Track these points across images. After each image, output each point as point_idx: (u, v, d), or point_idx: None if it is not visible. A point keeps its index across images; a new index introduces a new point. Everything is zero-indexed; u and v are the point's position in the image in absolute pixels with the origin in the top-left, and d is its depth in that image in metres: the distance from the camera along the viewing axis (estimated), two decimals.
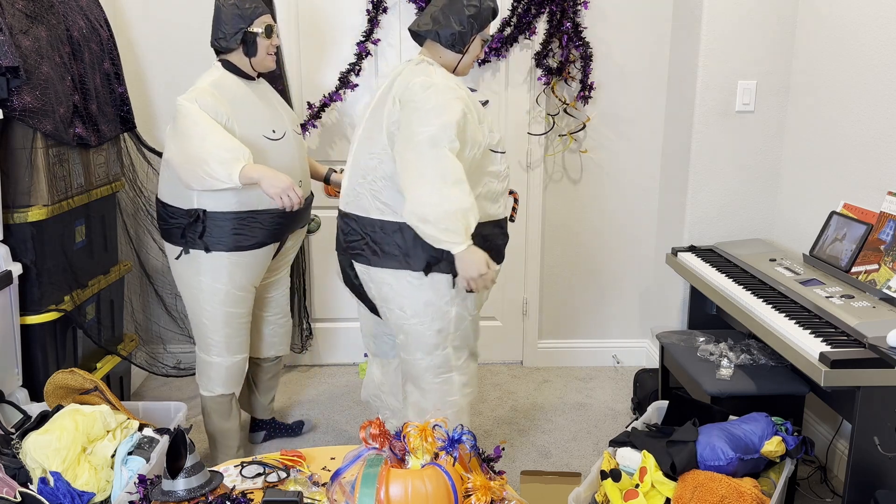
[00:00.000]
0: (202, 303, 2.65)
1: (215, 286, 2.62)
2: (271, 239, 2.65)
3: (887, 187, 2.59)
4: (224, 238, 2.56)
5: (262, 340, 2.97)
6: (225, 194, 2.52)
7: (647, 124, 3.70)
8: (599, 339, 3.96)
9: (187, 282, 2.65)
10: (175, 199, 2.59)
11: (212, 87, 2.51)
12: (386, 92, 2.34)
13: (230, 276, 2.62)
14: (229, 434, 2.82)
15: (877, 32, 2.64)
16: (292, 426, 3.19)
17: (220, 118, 2.46)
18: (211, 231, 2.55)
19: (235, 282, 2.64)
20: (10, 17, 2.47)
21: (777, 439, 2.19)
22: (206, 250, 2.56)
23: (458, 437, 1.77)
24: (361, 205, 2.34)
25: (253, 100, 2.59)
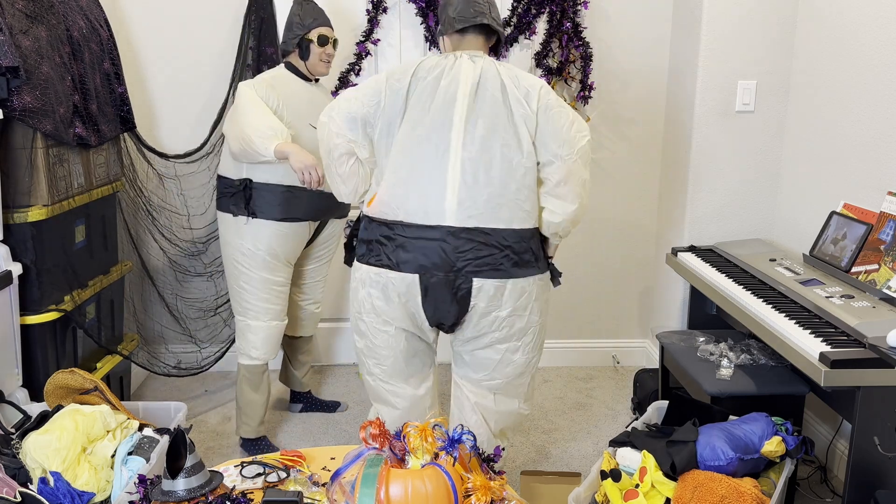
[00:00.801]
0: (241, 267, 2.92)
1: (255, 251, 2.89)
2: (309, 216, 2.93)
3: (887, 187, 2.59)
4: (266, 207, 2.84)
5: (294, 320, 3.27)
6: (269, 168, 2.81)
7: (647, 124, 3.70)
8: (599, 339, 3.96)
9: (231, 246, 2.93)
10: (228, 171, 2.91)
11: (271, 78, 2.87)
12: (484, 90, 2.18)
13: (268, 244, 2.88)
14: (254, 406, 3.03)
15: (877, 32, 2.64)
16: (328, 403, 3.45)
17: (270, 103, 2.79)
18: (256, 200, 2.83)
19: (273, 250, 2.90)
20: (10, 17, 2.47)
21: (777, 439, 2.19)
22: (253, 215, 2.84)
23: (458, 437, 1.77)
24: (500, 217, 2.17)
25: (303, 96, 2.89)
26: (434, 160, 2.15)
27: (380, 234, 2.22)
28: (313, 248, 3.13)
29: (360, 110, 2.22)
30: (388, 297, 2.25)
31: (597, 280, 3.88)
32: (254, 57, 3.42)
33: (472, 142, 2.16)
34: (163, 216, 3.55)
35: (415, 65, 2.23)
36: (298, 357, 3.35)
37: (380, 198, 2.22)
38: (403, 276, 2.20)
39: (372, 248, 2.24)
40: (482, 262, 2.19)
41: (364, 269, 2.27)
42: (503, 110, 2.18)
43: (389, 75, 2.23)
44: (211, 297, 3.70)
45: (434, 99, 2.18)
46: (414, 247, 2.18)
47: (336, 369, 3.88)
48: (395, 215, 2.19)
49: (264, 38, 3.42)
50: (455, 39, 2.30)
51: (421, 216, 2.17)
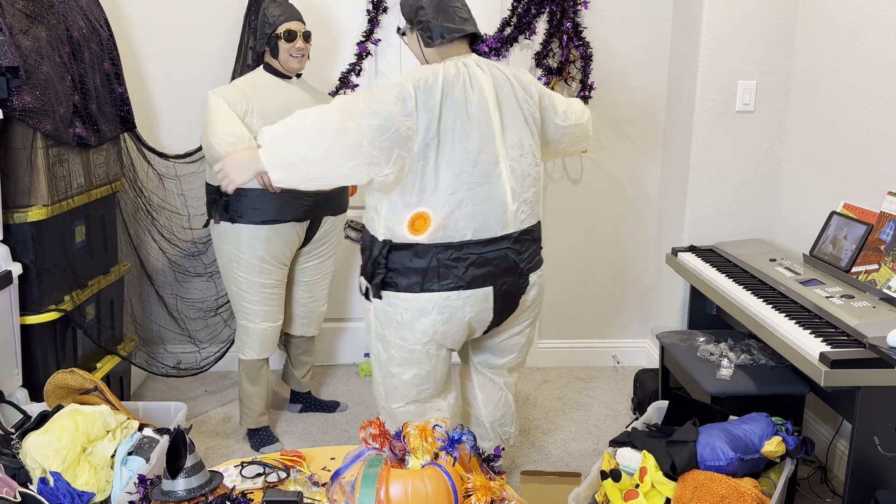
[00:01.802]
0: (230, 270, 2.96)
1: (238, 255, 2.91)
2: (295, 217, 2.91)
3: (887, 187, 2.59)
4: (245, 212, 2.85)
5: (293, 319, 3.26)
6: None
7: (647, 124, 3.70)
8: (599, 339, 3.96)
9: (220, 251, 2.97)
10: (210, 178, 2.95)
11: (243, 82, 2.88)
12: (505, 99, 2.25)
13: (253, 247, 2.89)
14: (253, 398, 3.09)
15: (877, 32, 2.64)
16: (327, 403, 3.45)
17: (238, 109, 2.79)
18: (233, 205, 2.85)
19: (258, 254, 2.90)
20: (10, 17, 2.47)
21: (777, 439, 2.19)
22: (231, 221, 2.87)
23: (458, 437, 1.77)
24: (535, 213, 2.36)
25: (278, 98, 2.88)
26: (490, 174, 2.20)
27: (446, 259, 2.20)
28: (311, 247, 3.12)
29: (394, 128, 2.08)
30: (453, 320, 2.26)
31: (597, 280, 3.88)
32: (254, 57, 3.42)
33: (511, 147, 2.25)
34: (163, 216, 3.55)
35: (436, 77, 2.15)
36: (300, 357, 3.36)
37: (441, 222, 2.18)
38: (476, 292, 2.24)
39: (433, 274, 2.20)
40: (533, 258, 2.36)
41: (426, 298, 2.22)
42: (520, 111, 2.29)
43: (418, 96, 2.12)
44: (211, 297, 3.70)
45: (469, 112, 2.18)
46: (486, 260, 2.23)
47: (336, 369, 3.88)
48: (462, 236, 2.20)
49: None
50: (442, 50, 2.28)
51: (488, 230, 2.22)
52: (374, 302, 2.31)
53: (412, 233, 2.19)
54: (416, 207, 2.17)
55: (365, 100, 2.10)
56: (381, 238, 2.24)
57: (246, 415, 3.11)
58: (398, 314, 2.27)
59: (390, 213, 2.21)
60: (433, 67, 2.19)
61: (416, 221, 2.19)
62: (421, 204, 2.17)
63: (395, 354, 2.32)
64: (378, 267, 2.25)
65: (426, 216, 2.18)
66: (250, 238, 2.88)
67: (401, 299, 2.25)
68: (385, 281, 2.25)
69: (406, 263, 2.21)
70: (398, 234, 2.21)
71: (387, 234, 2.23)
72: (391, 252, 2.22)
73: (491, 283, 2.25)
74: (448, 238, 2.19)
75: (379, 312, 2.31)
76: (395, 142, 2.09)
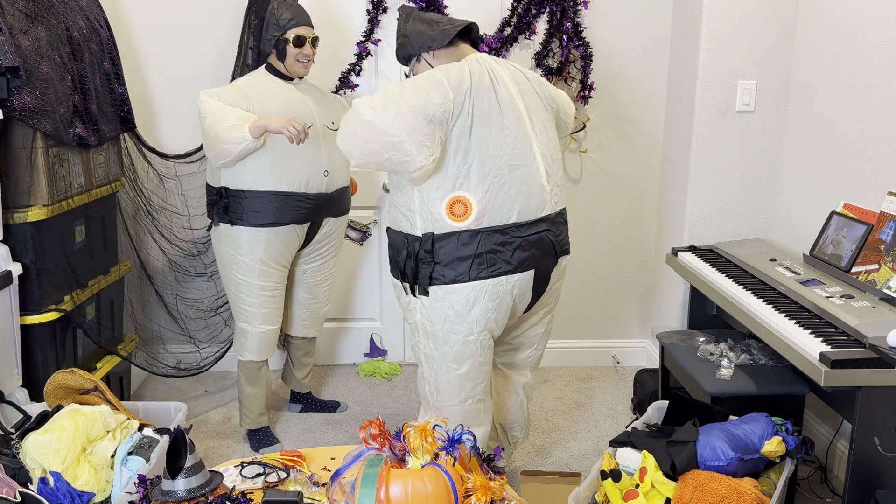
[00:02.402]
0: (229, 272, 2.95)
1: (238, 258, 2.90)
2: (295, 220, 2.88)
3: (887, 187, 2.59)
4: (246, 214, 2.83)
5: (293, 320, 3.24)
6: (243, 174, 2.80)
7: (647, 124, 3.70)
8: (599, 339, 3.96)
9: (220, 253, 2.96)
10: (210, 179, 2.93)
11: (244, 83, 2.85)
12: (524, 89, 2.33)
13: (252, 250, 2.88)
14: (252, 399, 3.08)
15: (877, 32, 2.64)
16: (327, 404, 3.44)
17: (239, 104, 2.76)
18: (234, 207, 2.83)
19: (258, 256, 2.89)
20: (10, 17, 2.47)
21: (777, 439, 2.19)
22: (231, 224, 2.85)
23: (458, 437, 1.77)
24: (563, 196, 2.45)
25: (280, 100, 2.85)
26: (526, 158, 2.25)
27: (492, 244, 2.21)
28: (311, 248, 3.10)
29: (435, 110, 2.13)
30: (502, 305, 2.28)
31: (597, 280, 3.88)
32: (254, 57, 3.42)
33: (541, 132, 2.32)
34: (163, 216, 3.54)
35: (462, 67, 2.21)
36: (301, 358, 3.35)
37: (484, 207, 2.20)
38: (523, 275, 2.28)
39: (482, 261, 2.21)
40: (566, 240, 2.42)
41: (475, 286, 2.23)
42: (539, 99, 2.36)
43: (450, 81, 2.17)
44: (211, 297, 3.70)
45: (499, 97, 2.24)
46: (529, 243, 2.27)
47: (337, 369, 3.88)
48: (507, 219, 2.23)
49: None
50: (449, 52, 2.34)
51: (530, 212, 2.26)
52: (421, 299, 2.30)
53: (453, 219, 2.20)
54: (451, 192, 2.20)
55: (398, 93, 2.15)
56: (421, 233, 2.24)
57: (245, 415, 3.11)
58: (449, 307, 2.26)
59: (426, 205, 2.22)
60: (456, 63, 2.26)
61: (455, 206, 2.20)
62: (456, 188, 2.19)
63: (448, 350, 2.31)
64: (423, 262, 2.24)
65: (465, 200, 2.19)
66: (250, 240, 2.86)
67: (450, 291, 2.24)
68: (432, 275, 2.25)
69: (453, 253, 2.22)
70: (440, 225, 2.21)
71: (426, 227, 2.23)
72: (435, 244, 2.22)
73: (535, 266, 2.29)
74: (494, 222, 2.22)
75: (427, 309, 2.30)
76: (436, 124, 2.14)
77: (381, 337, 3.91)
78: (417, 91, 2.13)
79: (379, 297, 3.86)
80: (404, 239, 2.28)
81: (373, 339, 3.90)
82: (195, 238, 3.63)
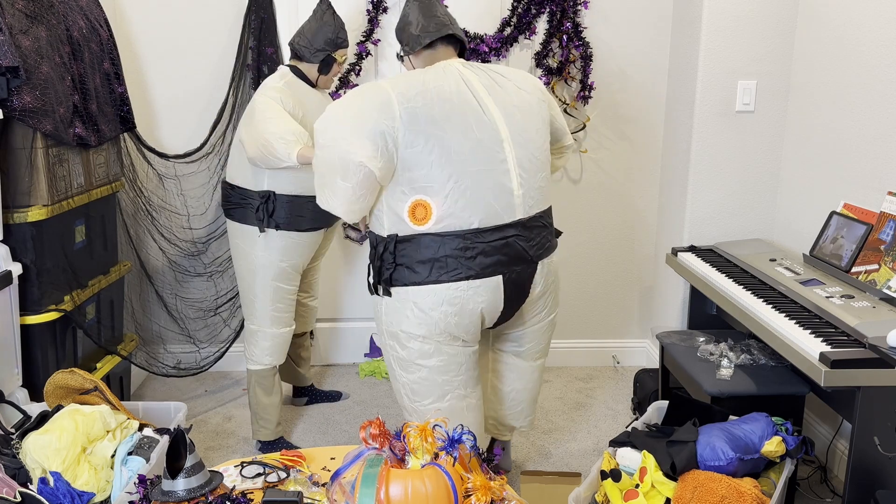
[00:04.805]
0: (256, 276, 2.90)
1: (271, 261, 2.87)
2: (322, 224, 2.93)
3: (887, 187, 2.59)
4: (286, 219, 2.83)
5: (299, 318, 3.26)
6: (288, 178, 2.80)
7: (647, 124, 3.70)
8: (599, 339, 3.96)
9: (248, 257, 2.90)
10: (245, 182, 2.86)
11: (286, 87, 2.80)
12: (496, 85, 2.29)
13: (284, 254, 2.88)
14: (270, 409, 3.02)
15: (877, 32, 2.64)
16: (330, 394, 3.51)
17: (296, 115, 2.75)
18: (278, 212, 2.82)
19: (288, 259, 2.90)
20: (10, 17, 2.47)
21: (777, 439, 2.19)
22: (277, 228, 2.84)
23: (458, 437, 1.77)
24: (545, 199, 2.37)
25: (316, 102, 2.89)
26: (494, 161, 2.21)
27: (452, 248, 2.19)
28: (319, 249, 3.16)
29: (378, 125, 2.14)
30: (464, 310, 2.25)
31: (597, 280, 3.88)
32: (254, 57, 3.42)
33: (516, 134, 2.26)
34: (163, 216, 3.55)
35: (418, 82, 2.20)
36: (301, 353, 3.38)
37: (444, 211, 2.18)
38: (486, 281, 2.23)
39: (441, 265, 2.20)
40: (542, 245, 2.34)
41: (434, 290, 2.21)
42: (520, 101, 2.30)
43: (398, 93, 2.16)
44: (211, 297, 3.70)
45: (464, 107, 2.20)
46: (494, 249, 2.22)
47: (336, 369, 3.88)
48: (468, 224, 2.19)
49: (264, 38, 3.42)
50: (426, 56, 2.35)
51: (495, 217, 2.22)
52: (385, 299, 2.30)
53: (414, 222, 2.20)
54: (413, 196, 2.18)
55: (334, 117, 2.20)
56: (387, 233, 2.25)
57: (262, 427, 3.02)
58: (408, 309, 2.25)
59: (389, 207, 2.23)
60: (417, 71, 2.26)
61: (416, 210, 2.19)
62: (417, 192, 2.18)
63: (413, 347, 2.30)
64: (385, 263, 2.25)
65: (425, 204, 2.18)
66: (287, 245, 2.86)
67: (410, 293, 2.24)
68: (393, 276, 2.25)
69: (414, 256, 2.21)
70: (403, 228, 2.21)
71: (392, 229, 2.24)
72: (398, 246, 2.23)
73: (500, 272, 2.24)
74: (454, 227, 2.19)
75: (389, 309, 2.30)
76: (376, 135, 2.14)
77: None
78: (364, 108, 2.17)
79: None
80: (374, 239, 2.31)
81: (373, 338, 3.90)
82: (195, 238, 3.63)
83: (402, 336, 2.29)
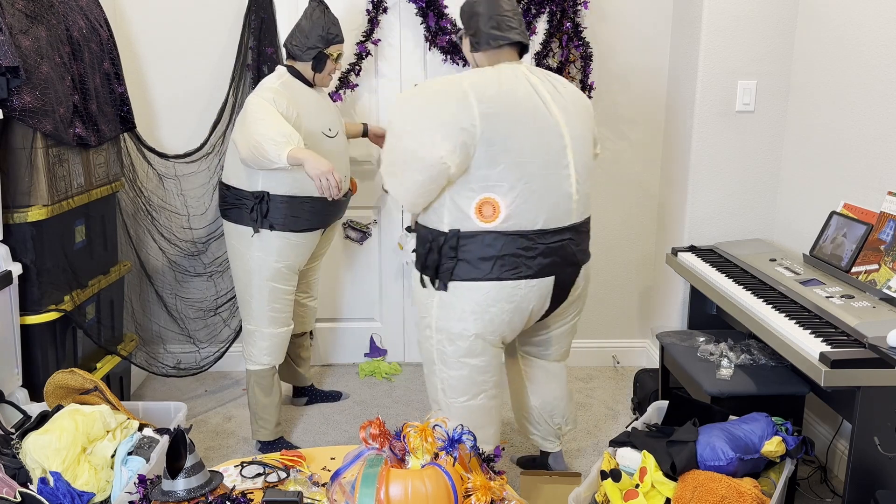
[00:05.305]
0: (252, 277, 2.89)
1: (266, 262, 2.86)
2: (320, 224, 2.91)
3: (887, 187, 2.59)
4: (281, 220, 2.81)
5: (298, 318, 3.27)
6: (283, 179, 2.78)
7: (647, 124, 3.70)
8: (599, 339, 3.96)
9: (244, 258, 2.89)
10: (240, 182, 2.84)
11: (282, 87, 2.78)
12: (559, 99, 2.33)
13: (279, 254, 2.86)
14: (269, 409, 3.01)
15: (877, 32, 2.64)
16: (330, 394, 3.51)
17: (290, 115, 2.72)
18: (273, 212, 2.81)
19: (283, 260, 2.88)
20: (10, 17, 2.47)
21: (777, 439, 2.19)
22: (271, 229, 2.82)
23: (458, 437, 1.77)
24: (590, 206, 2.44)
25: (313, 101, 2.88)
26: (559, 166, 2.27)
27: (516, 248, 2.24)
28: (317, 249, 3.15)
29: (459, 122, 2.16)
30: (519, 309, 2.31)
31: (597, 280, 3.88)
32: (254, 57, 3.42)
33: (575, 140, 2.31)
34: (163, 216, 3.55)
35: (494, 81, 2.23)
36: (300, 354, 3.37)
37: (512, 210, 2.23)
38: (542, 281, 2.30)
39: (504, 263, 2.24)
40: (585, 250, 2.42)
41: (494, 286, 2.26)
42: (576, 109, 2.35)
43: (476, 92, 2.18)
44: (211, 297, 3.70)
45: (534, 109, 2.24)
46: (552, 251, 2.28)
47: (336, 369, 3.88)
48: (533, 224, 2.25)
49: (264, 38, 3.42)
50: (492, 54, 2.37)
51: (556, 220, 2.28)
52: (438, 294, 2.32)
53: (480, 220, 2.24)
54: (481, 194, 2.22)
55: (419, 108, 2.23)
56: (447, 228, 2.28)
57: (262, 427, 3.01)
58: (466, 304, 2.29)
59: (453, 202, 2.26)
60: (489, 68, 2.29)
61: (483, 207, 2.23)
62: (486, 190, 2.22)
63: (461, 345, 2.33)
64: (445, 257, 2.28)
65: (494, 202, 2.22)
66: (283, 245, 2.85)
67: (469, 289, 2.28)
68: (453, 271, 2.28)
69: (477, 252, 2.25)
70: (466, 224, 2.25)
71: (453, 224, 2.27)
72: (460, 241, 2.26)
73: (555, 273, 2.31)
74: (520, 226, 2.24)
75: (443, 304, 2.32)
76: (457, 132, 2.17)
77: (381, 337, 3.91)
78: (445, 109, 2.18)
79: (379, 296, 3.86)
80: (429, 233, 2.32)
81: (373, 338, 3.90)
82: (195, 238, 3.63)
83: (454, 332, 2.33)
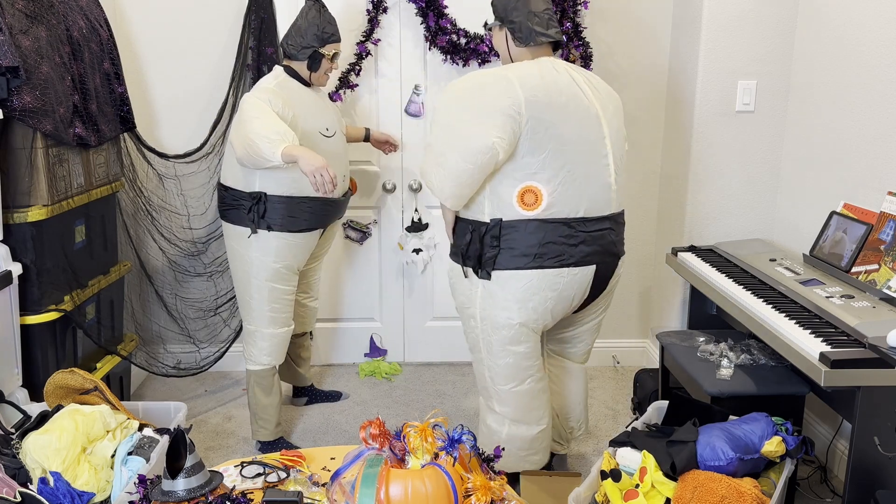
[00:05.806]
0: (251, 277, 2.89)
1: (264, 262, 2.86)
2: (318, 224, 2.90)
3: (887, 187, 2.59)
4: (279, 220, 2.80)
5: (299, 319, 3.27)
6: (280, 179, 2.77)
7: (647, 124, 3.70)
8: (599, 339, 3.95)
9: (243, 258, 2.89)
10: (237, 183, 2.84)
11: (277, 88, 2.79)
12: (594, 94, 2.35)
13: (277, 255, 2.86)
14: (269, 409, 3.01)
15: (877, 32, 2.64)
16: (330, 394, 3.51)
17: (286, 116, 2.72)
18: (271, 213, 2.80)
19: (282, 260, 2.87)
20: (10, 17, 2.47)
21: (777, 439, 2.19)
22: (269, 229, 2.81)
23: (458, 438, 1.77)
24: (625, 198, 2.51)
25: (310, 101, 2.87)
26: (599, 156, 2.30)
27: (558, 236, 2.27)
28: (317, 250, 3.14)
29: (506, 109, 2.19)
30: (562, 296, 2.34)
31: None
32: (254, 57, 3.42)
33: (612, 133, 2.34)
34: (163, 216, 3.55)
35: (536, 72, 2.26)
36: (301, 354, 3.37)
37: (554, 198, 2.25)
38: (584, 269, 2.33)
39: (546, 251, 2.27)
40: (622, 241, 2.45)
41: (538, 275, 2.28)
42: (611, 104, 2.39)
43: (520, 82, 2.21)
44: (211, 297, 3.70)
45: (577, 100, 2.28)
46: (593, 239, 2.31)
47: (336, 369, 3.88)
48: (574, 212, 2.28)
49: (264, 38, 3.42)
50: (534, 49, 2.39)
51: (597, 208, 2.31)
52: (482, 283, 2.34)
53: (523, 208, 2.26)
54: (523, 182, 2.24)
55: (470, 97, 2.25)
56: (488, 218, 2.30)
57: (262, 427, 3.01)
58: (510, 293, 2.31)
59: (494, 192, 2.28)
60: (529, 62, 2.32)
61: (526, 195, 2.25)
62: (529, 178, 2.24)
63: (506, 334, 2.36)
64: (487, 246, 2.30)
65: (536, 190, 2.24)
66: (285, 246, 2.85)
67: (513, 277, 2.30)
68: (497, 260, 2.30)
69: (520, 240, 2.27)
70: (508, 212, 2.27)
71: (494, 213, 2.29)
72: (502, 230, 2.28)
73: (596, 262, 2.34)
74: (562, 214, 2.27)
75: (487, 293, 2.35)
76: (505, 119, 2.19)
77: (381, 337, 3.91)
78: (498, 99, 2.20)
79: (379, 297, 3.86)
80: (468, 224, 2.34)
81: (373, 339, 3.90)
82: (195, 238, 3.63)
83: (499, 321, 2.35)
